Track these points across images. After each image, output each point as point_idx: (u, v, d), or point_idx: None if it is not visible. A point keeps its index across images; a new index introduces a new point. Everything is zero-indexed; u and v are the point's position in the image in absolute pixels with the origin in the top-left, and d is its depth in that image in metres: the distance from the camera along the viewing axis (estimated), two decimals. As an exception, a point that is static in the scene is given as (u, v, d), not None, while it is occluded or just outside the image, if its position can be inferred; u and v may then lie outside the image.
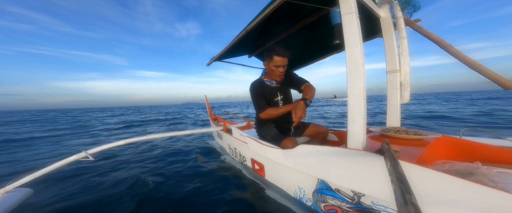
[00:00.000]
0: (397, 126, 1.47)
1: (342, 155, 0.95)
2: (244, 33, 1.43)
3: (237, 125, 2.45)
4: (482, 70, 1.09)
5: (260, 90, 1.50)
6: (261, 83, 1.54)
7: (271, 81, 1.53)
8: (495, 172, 0.85)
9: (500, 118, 5.25)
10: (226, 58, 2.29)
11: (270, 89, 1.53)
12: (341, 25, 0.98)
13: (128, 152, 2.92)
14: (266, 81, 1.54)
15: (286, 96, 1.61)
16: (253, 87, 1.52)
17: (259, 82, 1.55)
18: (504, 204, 0.56)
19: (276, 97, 1.55)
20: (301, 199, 1.25)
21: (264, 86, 1.53)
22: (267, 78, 1.55)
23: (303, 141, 1.67)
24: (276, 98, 1.55)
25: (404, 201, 0.49)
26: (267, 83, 1.54)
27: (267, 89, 1.52)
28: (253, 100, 1.53)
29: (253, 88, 1.52)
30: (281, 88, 1.56)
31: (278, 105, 1.56)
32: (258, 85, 1.52)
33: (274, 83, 1.54)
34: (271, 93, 1.53)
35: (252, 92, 1.52)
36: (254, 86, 1.53)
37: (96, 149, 1.60)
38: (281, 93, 1.56)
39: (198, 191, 1.60)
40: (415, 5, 1.52)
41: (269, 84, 1.53)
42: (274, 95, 1.54)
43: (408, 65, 1.45)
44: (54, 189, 1.73)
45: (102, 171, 2.17)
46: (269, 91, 1.52)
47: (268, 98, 1.53)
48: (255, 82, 1.56)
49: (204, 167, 2.19)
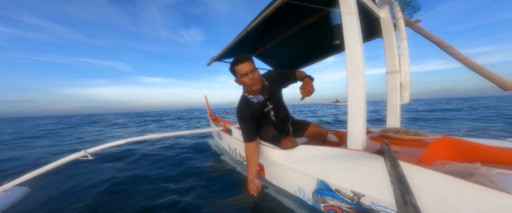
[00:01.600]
0: (397, 126, 1.47)
1: (342, 155, 0.95)
2: (244, 33, 1.43)
3: (237, 125, 2.45)
4: (482, 71, 1.10)
5: (247, 113, 1.35)
6: (246, 102, 1.37)
7: (257, 97, 1.35)
8: (494, 173, 0.85)
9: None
10: (226, 58, 2.29)
11: (259, 105, 1.38)
12: (341, 25, 0.98)
13: (128, 152, 2.92)
14: (252, 99, 1.36)
15: (276, 103, 1.48)
16: (239, 111, 1.37)
17: (244, 102, 1.38)
18: (503, 204, 0.56)
19: (266, 108, 1.43)
20: (301, 200, 1.25)
21: (251, 105, 1.37)
22: (250, 94, 1.35)
23: (303, 141, 1.67)
24: (266, 109, 1.43)
25: (404, 201, 0.49)
26: (254, 100, 1.36)
27: (255, 107, 1.37)
28: (240, 126, 1.39)
29: (239, 113, 1.37)
30: (269, 98, 1.41)
31: (269, 116, 1.47)
32: (245, 107, 1.36)
33: (260, 98, 1.36)
34: (260, 109, 1.39)
35: (239, 118, 1.37)
36: (240, 110, 1.37)
37: (95, 148, 1.60)
38: (271, 102, 1.44)
39: (198, 191, 1.60)
40: (415, 6, 1.52)
41: (256, 101, 1.36)
42: (263, 108, 1.41)
43: (408, 66, 1.46)
44: (52, 188, 1.72)
45: (101, 170, 2.16)
46: (258, 109, 1.38)
47: (258, 116, 1.40)
48: (239, 104, 1.39)
49: (204, 167, 2.18)
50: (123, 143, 1.73)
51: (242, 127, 1.37)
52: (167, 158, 2.56)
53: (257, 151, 1.36)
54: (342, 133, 1.80)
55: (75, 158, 1.51)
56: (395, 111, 1.49)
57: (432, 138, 1.17)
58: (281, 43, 2.02)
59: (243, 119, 1.35)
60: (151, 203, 1.44)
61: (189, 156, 2.62)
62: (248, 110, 1.35)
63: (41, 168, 1.43)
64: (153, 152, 2.92)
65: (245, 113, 1.35)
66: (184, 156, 2.63)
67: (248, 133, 1.35)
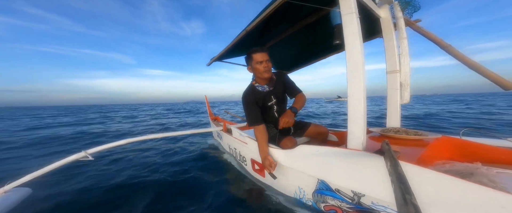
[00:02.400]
0: (397, 126, 1.47)
1: (342, 155, 0.95)
2: (244, 33, 1.43)
3: (237, 125, 2.45)
4: (482, 70, 1.09)
5: (252, 99, 1.44)
6: (252, 90, 1.47)
7: (263, 87, 1.47)
8: (495, 173, 0.85)
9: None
10: (226, 58, 2.29)
11: (263, 94, 1.46)
12: (341, 25, 0.98)
13: (128, 152, 2.92)
14: (258, 87, 1.47)
15: (280, 99, 1.54)
16: (245, 97, 1.46)
17: (250, 89, 1.48)
18: (504, 204, 0.56)
19: (270, 101, 1.49)
20: (301, 199, 1.25)
21: (256, 93, 1.46)
22: (258, 83, 1.48)
23: (303, 141, 1.67)
24: (269, 103, 1.49)
25: (404, 201, 0.49)
26: (259, 88, 1.47)
27: (259, 95, 1.46)
28: (245, 111, 1.47)
29: (244, 98, 1.46)
30: (273, 91, 1.49)
31: (272, 110, 1.53)
32: (250, 93, 1.46)
33: (266, 88, 1.46)
34: (264, 99, 1.47)
35: (244, 103, 1.45)
36: (245, 95, 1.46)
37: (95, 148, 1.60)
38: (275, 97, 1.50)
39: (197, 191, 1.60)
40: (415, 6, 1.52)
41: (261, 90, 1.46)
42: (267, 100, 1.48)
43: (408, 65, 1.45)
44: (53, 189, 1.72)
45: (101, 171, 2.16)
46: (262, 97, 1.46)
47: (261, 105, 1.47)
48: (246, 90, 1.49)
49: (204, 167, 2.18)
50: (124, 143, 1.73)
51: (248, 111, 1.44)
52: (166, 158, 2.56)
53: (265, 132, 1.41)
54: (342, 132, 1.80)
55: (76, 159, 1.51)
56: (395, 110, 1.49)
57: (432, 138, 1.17)
58: (281, 42, 2.02)
59: (249, 103, 1.44)
60: (152, 203, 1.44)
61: (189, 156, 2.62)
62: (253, 96, 1.45)
63: (42, 169, 1.44)
64: (153, 152, 2.92)
65: (250, 98, 1.44)
66: (184, 156, 2.63)
67: (254, 116, 1.43)
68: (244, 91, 1.49)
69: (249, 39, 1.79)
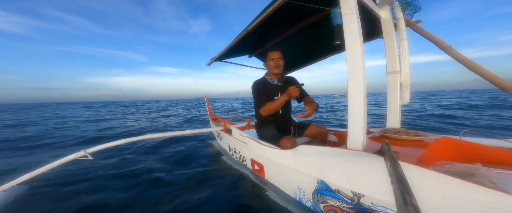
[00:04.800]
0: (397, 127, 1.47)
1: (342, 155, 0.94)
2: (245, 33, 1.43)
3: (237, 125, 2.45)
4: (482, 72, 1.10)
5: (261, 87, 1.61)
6: (263, 81, 1.65)
7: (273, 80, 1.65)
8: (495, 173, 0.85)
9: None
10: (227, 58, 2.28)
11: (272, 86, 1.62)
12: (342, 25, 0.97)
13: (128, 152, 2.91)
14: (268, 79, 1.66)
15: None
16: (255, 84, 1.64)
17: (262, 80, 1.67)
18: (504, 205, 0.56)
19: (276, 95, 1.60)
20: (301, 200, 1.25)
21: (266, 84, 1.63)
22: (270, 76, 1.67)
23: (303, 141, 1.67)
24: (275, 97, 1.59)
25: (404, 202, 0.49)
26: (269, 81, 1.65)
27: (268, 86, 1.62)
28: (254, 97, 1.63)
29: (254, 85, 1.64)
30: (282, 87, 1.62)
31: None
32: (260, 83, 1.63)
33: (275, 82, 1.64)
34: (271, 92, 1.61)
35: (254, 89, 1.63)
36: (256, 83, 1.64)
37: (95, 148, 1.60)
38: (281, 92, 1.58)
39: (197, 191, 1.60)
40: (416, 6, 1.52)
41: (271, 82, 1.64)
42: (274, 94, 1.61)
43: (408, 66, 1.46)
44: (52, 188, 1.72)
45: (100, 170, 2.16)
46: (270, 89, 1.61)
47: (268, 96, 1.60)
48: (258, 80, 1.67)
49: (204, 167, 2.18)
50: (123, 143, 1.73)
51: (256, 96, 1.61)
52: (166, 158, 2.56)
53: (271, 101, 1.55)
54: (342, 133, 1.80)
55: (75, 158, 1.51)
56: (395, 111, 1.49)
57: (432, 138, 1.17)
58: (282, 43, 2.02)
59: (258, 89, 1.61)
60: (152, 203, 1.44)
61: (189, 156, 2.61)
62: (263, 85, 1.63)
63: (41, 168, 1.43)
64: (152, 152, 2.91)
65: (260, 86, 1.63)
66: (183, 156, 2.62)
67: (261, 100, 1.58)
68: (256, 80, 1.67)
69: (249, 40, 1.79)
